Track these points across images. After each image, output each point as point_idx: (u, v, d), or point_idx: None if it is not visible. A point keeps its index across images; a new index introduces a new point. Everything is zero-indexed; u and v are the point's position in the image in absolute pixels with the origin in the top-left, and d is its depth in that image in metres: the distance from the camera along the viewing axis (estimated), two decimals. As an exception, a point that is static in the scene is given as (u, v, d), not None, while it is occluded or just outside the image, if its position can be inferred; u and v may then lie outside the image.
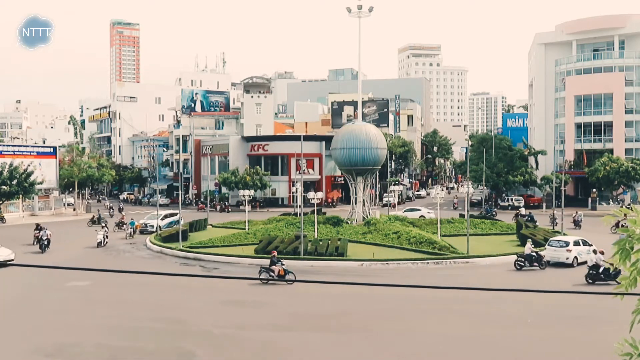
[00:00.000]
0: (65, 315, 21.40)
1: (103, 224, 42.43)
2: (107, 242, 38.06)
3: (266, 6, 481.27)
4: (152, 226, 43.94)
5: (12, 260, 30.30)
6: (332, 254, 31.69)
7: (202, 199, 71.19)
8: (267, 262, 31.38)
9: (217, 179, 70.04)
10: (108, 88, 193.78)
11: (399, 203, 62.96)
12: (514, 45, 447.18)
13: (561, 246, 30.20)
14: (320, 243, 33.56)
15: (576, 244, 30.35)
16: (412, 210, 55.93)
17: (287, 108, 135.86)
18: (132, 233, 42.55)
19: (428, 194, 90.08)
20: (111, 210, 62.79)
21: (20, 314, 21.44)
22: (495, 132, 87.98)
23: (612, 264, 5.03)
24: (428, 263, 30.84)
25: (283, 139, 78.32)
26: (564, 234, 38.24)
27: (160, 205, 45.96)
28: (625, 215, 5.23)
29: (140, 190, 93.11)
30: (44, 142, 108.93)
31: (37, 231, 37.75)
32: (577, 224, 45.54)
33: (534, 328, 19.18)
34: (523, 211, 53.65)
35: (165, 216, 46.80)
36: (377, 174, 62.20)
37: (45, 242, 35.94)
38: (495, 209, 59.98)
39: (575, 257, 29.59)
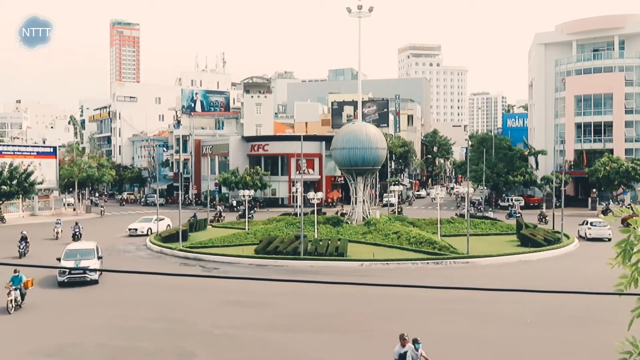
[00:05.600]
0: (66, 316, 21.39)
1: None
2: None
3: (266, 6, 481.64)
4: (65, 273, 25.66)
5: None
6: (332, 254, 31.67)
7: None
8: (267, 262, 31.50)
9: (217, 179, 70.03)
10: (108, 88, 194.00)
11: (399, 203, 62.88)
12: (514, 45, 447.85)
13: (603, 226, 40.57)
14: (320, 243, 33.53)
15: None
16: (145, 220, 45.82)
17: (287, 108, 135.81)
18: (20, 300, 21.77)
19: (428, 194, 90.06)
20: (77, 232, 40.02)
21: (21, 313, 21.40)
22: (495, 132, 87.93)
23: None
24: (428, 263, 30.84)
25: (283, 139, 78.29)
26: (565, 234, 38.31)
27: (157, 205, 44.53)
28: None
29: (140, 190, 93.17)
30: (44, 142, 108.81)
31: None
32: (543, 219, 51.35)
33: (534, 328, 19.18)
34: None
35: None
36: (377, 174, 62.15)
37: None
38: (491, 210, 59.10)
39: (611, 233, 40.03)
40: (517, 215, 51.82)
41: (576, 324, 19.56)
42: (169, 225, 45.26)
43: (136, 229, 43.78)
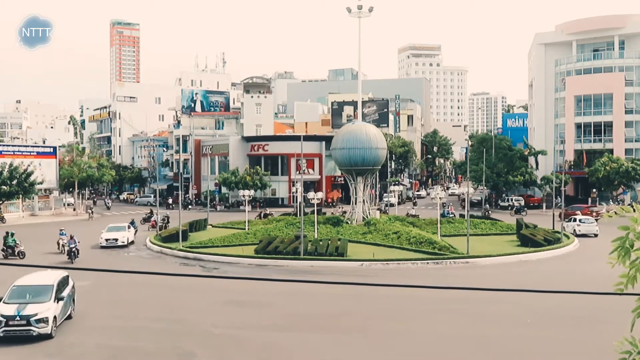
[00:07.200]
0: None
1: None
2: None
3: (266, 6, 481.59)
4: (1, 324, 17.68)
5: None
6: (332, 254, 31.67)
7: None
8: (267, 262, 31.51)
9: (217, 179, 70.05)
10: (108, 88, 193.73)
11: (399, 203, 62.84)
12: (514, 45, 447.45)
13: (590, 223, 42.62)
14: (320, 243, 33.54)
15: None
16: (117, 229, 40.38)
17: (287, 108, 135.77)
18: None
19: (428, 194, 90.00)
20: (73, 249, 32.46)
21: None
22: (495, 132, 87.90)
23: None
24: (428, 263, 30.84)
25: (283, 139, 78.31)
26: (564, 235, 38.34)
27: (153, 205, 43.27)
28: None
29: (140, 190, 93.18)
30: (44, 142, 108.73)
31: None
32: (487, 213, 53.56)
33: (534, 328, 19.18)
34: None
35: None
36: (377, 174, 62.13)
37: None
38: (489, 210, 57.69)
39: (597, 229, 42.01)
40: (451, 215, 50.10)
41: (576, 324, 19.55)
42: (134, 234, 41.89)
43: (116, 239, 38.63)
